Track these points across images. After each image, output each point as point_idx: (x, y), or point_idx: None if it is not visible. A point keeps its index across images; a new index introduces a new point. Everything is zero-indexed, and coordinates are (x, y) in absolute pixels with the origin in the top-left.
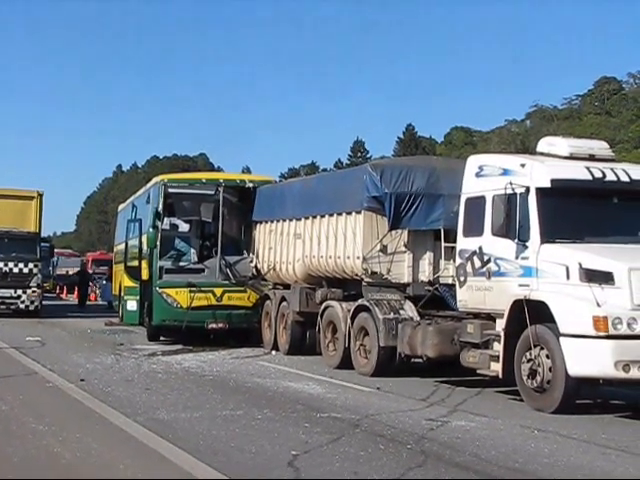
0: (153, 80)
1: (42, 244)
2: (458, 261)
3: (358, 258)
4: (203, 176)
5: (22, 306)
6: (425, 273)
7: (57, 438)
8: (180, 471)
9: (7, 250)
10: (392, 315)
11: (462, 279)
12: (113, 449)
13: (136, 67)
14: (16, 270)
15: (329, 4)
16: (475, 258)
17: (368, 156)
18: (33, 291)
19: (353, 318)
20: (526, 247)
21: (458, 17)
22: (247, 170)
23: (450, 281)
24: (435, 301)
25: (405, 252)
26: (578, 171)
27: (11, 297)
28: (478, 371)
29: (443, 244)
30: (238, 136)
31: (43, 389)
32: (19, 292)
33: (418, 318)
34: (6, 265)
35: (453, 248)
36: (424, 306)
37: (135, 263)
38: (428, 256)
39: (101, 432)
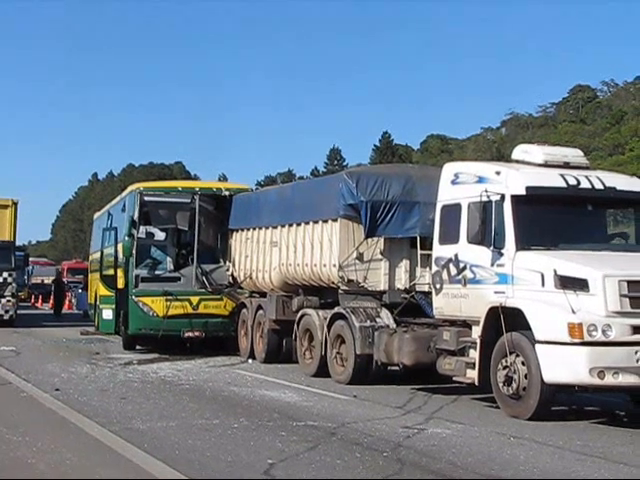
0: (129, 88)
1: (17, 253)
2: (434, 268)
3: (334, 266)
4: (179, 184)
5: None
6: (401, 281)
7: (31, 449)
8: None
9: None
10: (368, 323)
11: (438, 286)
12: (88, 459)
13: (114, 74)
14: None
15: (308, 9)
16: (451, 265)
17: (344, 164)
18: (8, 300)
19: (330, 326)
20: (501, 254)
21: (435, 25)
22: (224, 178)
23: (426, 288)
24: (411, 309)
25: (381, 260)
26: (553, 179)
27: None
28: (454, 378)
29: (419, 252)
30: (214, 144)
31: (17, 399)
32: None
33: (394, 326)
34: None
35: (429, 256)
36: (400, 314)
37: (111, 272)
38: (404, 264)
39: (76, 442)
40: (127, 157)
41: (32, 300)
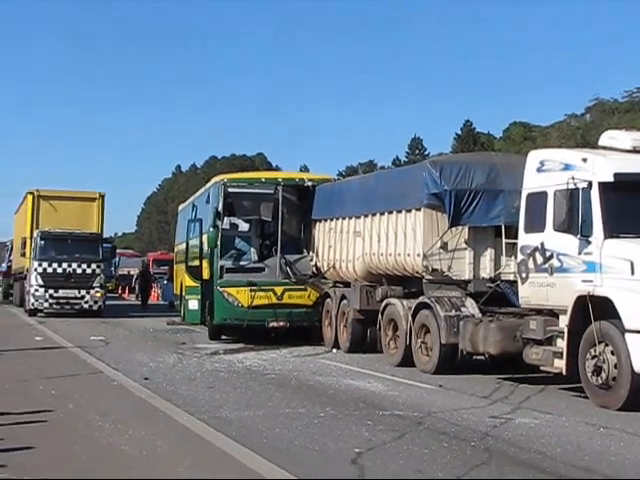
0: (211, 81)
1: (104, 245)
2: (520, 257)
3: (418, 255)
4: (262, 175)
5: (86, 306)
6: (486, 270)
7: (123, 436)
8: (245, 469)
9: (70, 251)
10: (453, 312)
11: (524, 275)
12: (178, 446)
13: (195, 68)
14: (79, 271)
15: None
16: (537, 254)
17: (426, 153)
18: (96, 291)
19: (414, 316)
20: (589, 242)
21: (518, 13)
22: (305, 169)
23: (512, 277)
24: (497, 298)
25: (466, 249)
26: None
27: (75, 297)
28: (541, 368)
29: (504, 240)
30: (296, 135)
31: (108, 388)
32: (83, 292)
33: (480, 315)
34: (70, 266)
35: (514, 244)
36: (485, 303)
37: (196, 263)
38: (489, 252)
39: (165, 430)
40: (209, 150)
41: (119, 291)
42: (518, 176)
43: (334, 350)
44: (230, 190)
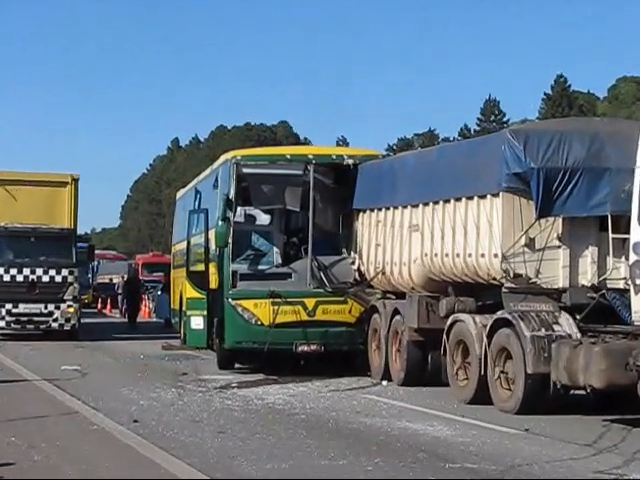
0: (219, 33)
1: (79, 244)
2: (633, 258)
3: (496, 256)
4: (287, 151)
5: (55, 325)
6: (587, 275)
7: None
8: None
9: (35, 253)
10: (543, 332)
11: (639, 282)
12: None
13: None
14: (46, 279)
15: None
16: None
17: (505, 120)
18: (69, 306)
19: (490, 336)
20: None
21: None
22: (343, 142)
23: (621, 285)
24: (601, 312)
25: (559, 247)
26: None
27: (41, 314)
28: None
29: (611, 235)
30: (330, 98)
31: (86, 433)
32: (51, 307)
33: (578, 335)
34: (33, 272)
35: (625, 240)
36: (586, 319)
37: (200, 267)
38: (591, 252)
39: None
40: (216, 118)
41: (99, 305)
42: (630, 149)
43: (384, 382)
44: (245, 171)
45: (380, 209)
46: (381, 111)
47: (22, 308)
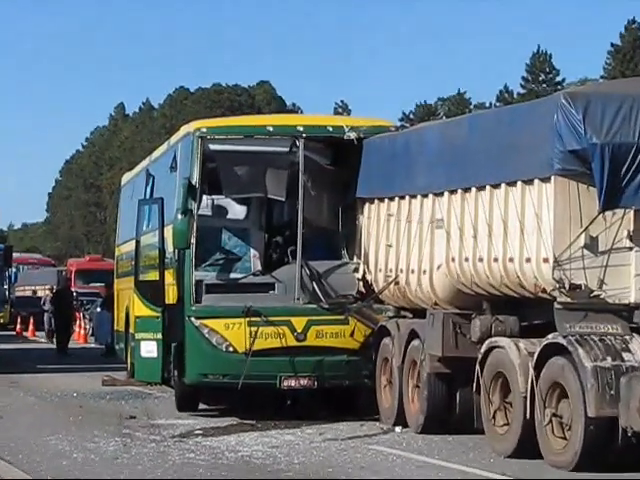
0: None
1: None
2: None
3: (546, 261)
4: (269, 121)
5: None
6: None
7: None
8: None
9: None
10: (609, 361)
11: None
12: None
13: None
14: None
15: None
16: None
17: (558, 80)
18: None
19: (539, 367)
20: None
21: None
22: (344, 110)
23: None
24: None
25: (630, 249)
26: None
27: None
28: None
29: None
30: (325, 52)
31: None
32: None
33: None
34: None
35: None
36: None
37: (153, 276)
38: None
39: None
40: (176, 77)
41: (18, 326)
42: None
43: (397, 429)
44: (213, 147)
45: (392, 199)
46: (393, 68)
47: None
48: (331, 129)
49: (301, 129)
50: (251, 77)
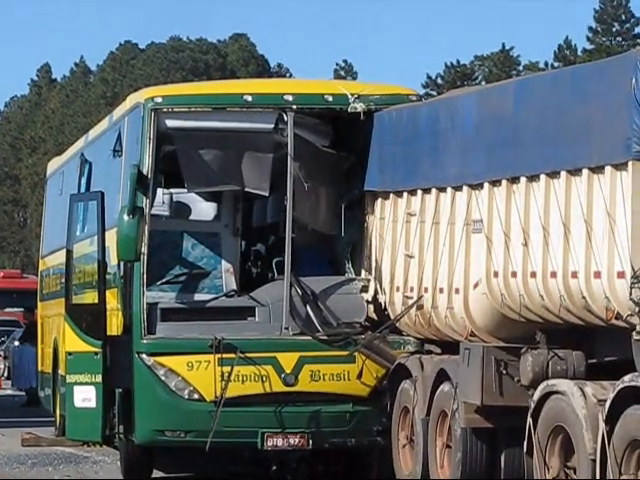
0: None
1: None
2: None
3: (621, 276)
4: (246, 88)
5: None
6: None
7: None
8: None
9: None
10: None
11: None
12: None
13: None
14: None
15: None
16: None
17: (638, 31)
18: None
19: (612, 421)
20: None
21: None
22: (347, 73)
23: None
24: None
25: None
26: None
27: None
28: None
29: None
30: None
31: None
32: None
33: None
34: None
35: None
36: None
37: (91, 298)
38: None
39: None
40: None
41: None
42: None
43: None
44: (171, 124)
45: (414, 193)
46: (414, 16)
47: None
48: (330, 98)
49: (290, 98)
50: (222, 29)
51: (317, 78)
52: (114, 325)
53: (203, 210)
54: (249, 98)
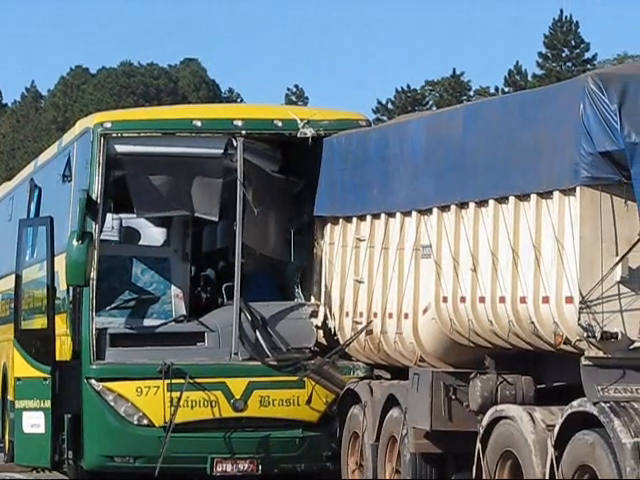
0: None
1: None
2: None
3: (570, 301)
4: (197, 113)
5: None
6: None
7: None
8: None
9: None
10: None
11: None
12: None
13: None
14: None
15: None
16: None
17: (587, 57)
18: None
19: (561, 445)
20: None
21: None
22: (298, 98)
23: None
24: None
25: None
26: None
27: None
28: None
29: None
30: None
31: None
32: None
33: None
34: None
35: None
36: None
37: (40, 323)
38: None
39: None
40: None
41: None
42: None
43: None
44: (120, 149)
45: (363, 218)
46: (365, 42)
47: None
48: (280, 124)
49: (239, 124)
50: (173, 54)
51: (268, 103)
52: (63, 350)
53: (153, 235)
54: (198, 123)
